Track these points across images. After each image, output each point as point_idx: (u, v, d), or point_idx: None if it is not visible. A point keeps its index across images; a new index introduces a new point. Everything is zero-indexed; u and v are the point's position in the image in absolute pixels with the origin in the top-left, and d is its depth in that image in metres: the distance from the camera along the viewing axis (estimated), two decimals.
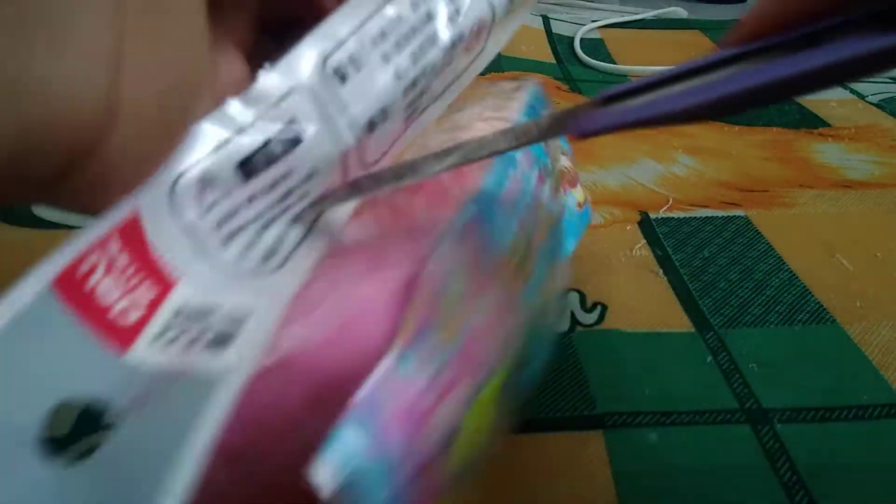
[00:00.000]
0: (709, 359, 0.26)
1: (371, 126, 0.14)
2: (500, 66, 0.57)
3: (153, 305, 0.11)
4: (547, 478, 0.21)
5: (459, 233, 0.14)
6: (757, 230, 0.34)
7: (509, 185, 0.19)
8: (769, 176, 0.40)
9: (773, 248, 0.33)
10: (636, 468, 0.22)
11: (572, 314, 0.28)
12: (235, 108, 0.12)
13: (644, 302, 0.29)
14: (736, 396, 0.24)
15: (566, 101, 0.50)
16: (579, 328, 0.27)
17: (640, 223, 0.35)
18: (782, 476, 0.21)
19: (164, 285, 0.11)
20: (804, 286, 0.30)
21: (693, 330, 0.28)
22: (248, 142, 0.12)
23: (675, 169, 0.41)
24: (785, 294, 0.30)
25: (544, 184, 0.21)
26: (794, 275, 0.31)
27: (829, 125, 0.47)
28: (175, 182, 0.11)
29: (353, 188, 0.14)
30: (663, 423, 0.23)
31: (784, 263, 0.32)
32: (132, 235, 0.11)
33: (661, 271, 0.31)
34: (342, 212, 0.14)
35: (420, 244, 0.14)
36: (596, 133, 0.12)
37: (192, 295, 0.11)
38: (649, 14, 0.74)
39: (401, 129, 0.15)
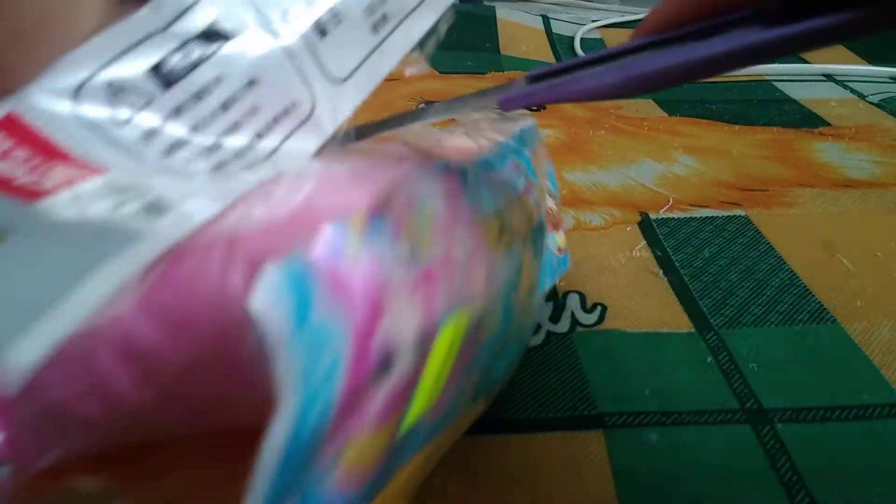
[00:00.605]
0: (709, 359, 0.26)
1: (321, 30, 0.13)
2: (501, 65, 0.57)
3: (74, 180, 0.10)
4: (547, 478, 0.21)
5: (439, 173, 0.14)
6: (757, 230, 0.34)
7: (495, 173, 0.18)
8: (769, 175, 0.40)
9: (774, 248, 0.33)
10: (636, 468, 0.22)
11: (572, 315, 0.28)
12: (144, 12, 0.11)
13: (644, 302, 0.29)
14: (736, 396, 0.24)
15: None
16: (579, 329, 0.27)
17: (640, 224, 0.35)
18: (783, 476, 0.21)
19: (87, 170, 0.10)
20: (804, 286, 0.30)
21: (693, 330, 0.28)
22: (161, 45, 0.11)
23: (675, 169, 0.41)
24: (785, 294, 0.30)
25: (530, 193, 0.20)
26: (795, 274, 0.31)
27: (829, 124, 0.47)
28: (80, 87, 0.11)
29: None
30: (663, 423, 0.23)
31: (784, 263, 0.32)
32: (24, 136, 0.10)
33: (661, 272, 0.31)
34: (300, 149, 0.13)
35: (399, 169, 0.13)
36: (517, 107, 0.14)
37: (124, 177, 0.11)
38: None
39: (369, 40, 0.14)
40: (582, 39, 0.64)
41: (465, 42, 0.62)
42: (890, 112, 0.49)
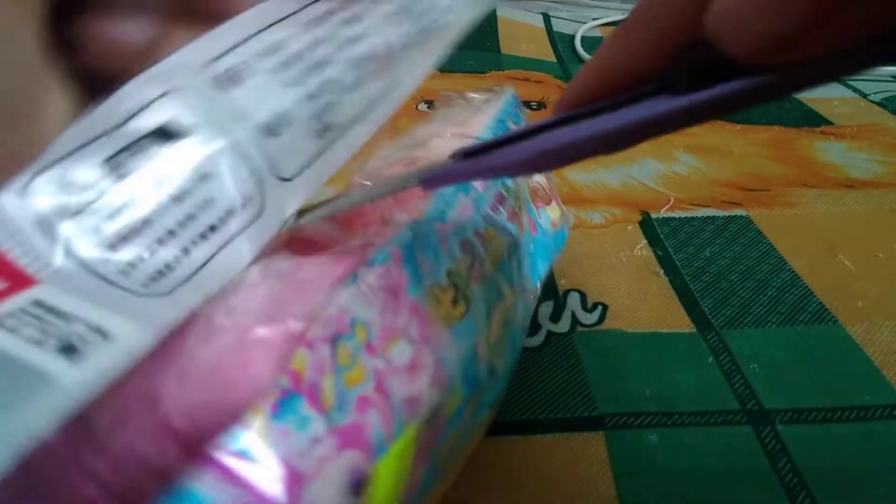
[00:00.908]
0: (710, 359, 0.26)
1: (270, 130, 0.13)
2: (501, 64, 0.57)
3: (4, 294, 0.10)
4: (547, 480, 0.21)
5: (380, 269, 0.14)
6: (758, 230, 0.34)
7: (455, 211, 0.18)
8: (771, 175, 0.40)
9: (775, 248, 0.33)
10: (637, 469, 0.22)
11: (573, 314, 0.28)
12: (99, 112, 0.12)
13: (645, 302, 0.29)
14: (737, 397, 0.24)
15: None
16: (580, 328, 0.27)
17: (641, 223, 0.35)
18: (784, 477, 0.21)
19: (18, 282, 0.10)
20: (806, 286, 0.30)
21: (694, 330, 0.27)
22: (115, 141, 0.12)
23: (676, 168, 0.40)
24: (787, 294, 0.30)
25: (502, 205, 0.20)
26: (796, 275, 0.31)
27: (831, 123, 0.47)
28: (30, 181, 0.11)
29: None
30: (664, 424, 0.23)
31: (786, 263, 0.32)
32: None
33: (662, 271, 0.31)
34: (250, 245, 0.13)
35: (330, 286, 0.13)
36: (439, 186, 0.15)
37: (52, 295, 0.11)
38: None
39: (315, 144, 0.14)
40: (583, 38, 0.64)
41: (466, 41, 0.62)
42: (892, 111, 0.49)
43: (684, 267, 0.31)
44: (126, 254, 0.11)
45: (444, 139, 0.21)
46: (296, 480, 0.10)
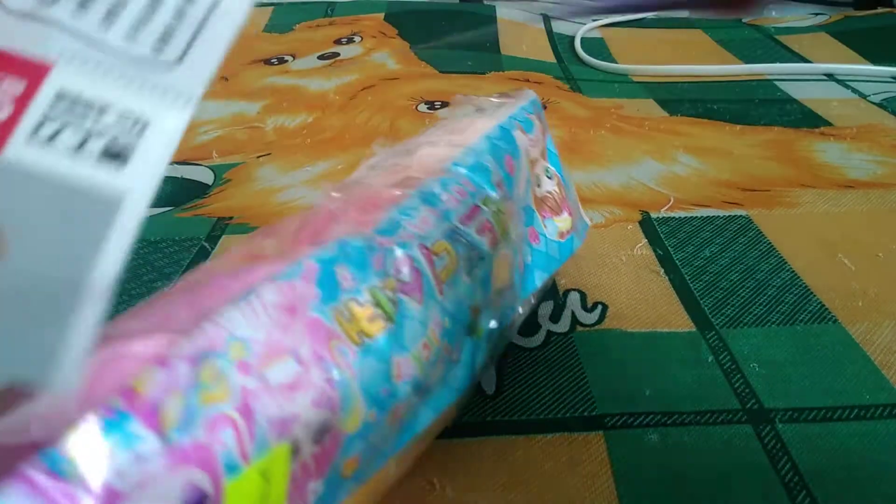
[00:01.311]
0: (710, 359, 0.26)
1: None
2: (501, 65, 0.57)
3: (24, 98, 0.09)
4: (546, 480, 0.21)
5: (283, 285, 0.13)
6: (759, 230, 0.34)
7: (413, 224, 0.17)
8: (771, 175, 0.40)
9: (775, 248, 0.33)
10: (637, 469, 0.22)
11: (573, 314, 0.28)
12: None
13: (645, 302, 0.29)
14: (737, 396, 0.24)
15: (567, 100, 0.50)
16: (579, 328, 0.27)
17: (641, 223, 0.35)
18: (784, 476, 0.21)
19: (35, 72, 0.10)
20: (806, 286, 0.30)
21: (694, 330, 0.28)
22: None
23: (676, 168, 0.41)
24: (786, 294, 0.30)
25: (474, 219, 0.19)
26: (796, 275, 0.31)
27: (830, 124, 0.47)
28: None
29: None
30: (664, 424, 0.23)
31: (786, 263, 0.32)
32: None
33: (662, 271, 0.31)
34: None
35: (223, 301, 0.13)
36: None
37: (75, 77, 0.10)
38: (650, 13, 0.73)
39: None
40: (582, 39, 0.64)
41: (466, 41, 0.62)
42: (891, 112, 0.49)
43: (684, 266, 0.31)
44: (123, 22, 0.10)
45: (435, 147, 0.21)
46: (112, 498, 0.10)
